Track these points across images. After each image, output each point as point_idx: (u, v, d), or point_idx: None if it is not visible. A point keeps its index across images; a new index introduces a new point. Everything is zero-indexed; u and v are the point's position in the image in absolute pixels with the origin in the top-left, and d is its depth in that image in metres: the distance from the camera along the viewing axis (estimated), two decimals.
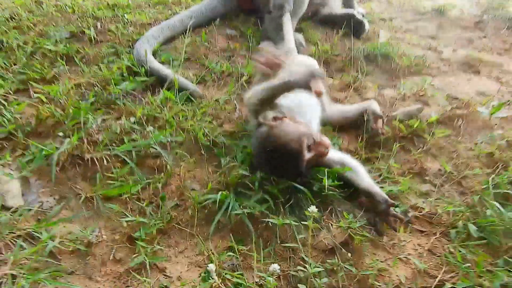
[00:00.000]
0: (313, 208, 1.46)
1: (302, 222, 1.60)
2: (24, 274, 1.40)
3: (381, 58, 2.78)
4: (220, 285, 1.41)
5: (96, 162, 1.87)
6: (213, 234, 1.64)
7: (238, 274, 1.47)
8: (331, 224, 1.64)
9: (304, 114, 1.87)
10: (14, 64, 2.44)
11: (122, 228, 1.64)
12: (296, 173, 1.65)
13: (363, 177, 1.78)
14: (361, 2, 3.96)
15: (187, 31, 2.81)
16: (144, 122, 2.10)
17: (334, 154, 1.82)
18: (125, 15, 3.09)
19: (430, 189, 1.88)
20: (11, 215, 1.61)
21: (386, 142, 2.08)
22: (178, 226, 1.66)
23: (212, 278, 1.39)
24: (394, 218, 1.67)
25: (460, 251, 1.56)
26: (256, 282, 1.45)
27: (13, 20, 2.82)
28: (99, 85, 2.33)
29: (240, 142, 2.00)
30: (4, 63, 2.45)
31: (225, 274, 1.46)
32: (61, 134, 1.98)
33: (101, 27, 2.91)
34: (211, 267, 1.40)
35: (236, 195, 1.73)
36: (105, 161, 1.87)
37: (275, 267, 1.39)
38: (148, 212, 1.68)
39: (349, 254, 1.54)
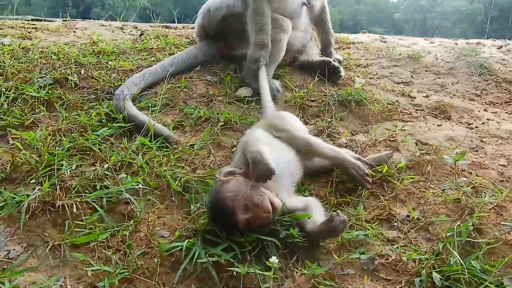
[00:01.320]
0: (274, 259, 1.48)
1: (266, 272, 1.60)
2: None
3: (354, 104, 2.87)
4: None
5: (67, 209, 1.88)
6: (178, 283, 1.64)
7: None
8: (296, 272, 1.65)
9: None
10: None
11: (87, 277, 1.63)
12: (233, 228, 1.71)
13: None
14: (339, 49, 4.11)
15: (166, 77, 2.90)
16: (118, 168, 2.13)
17: (299, 202, 1.88)
18: (109, 62, 3.19)
19: (398, 235, 1.90)
20: None
21: (356, 187, 2.12)
22: (144, 275, 1.65)
23: None
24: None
25: None
26: None
27: None
28: (76, 131, 2.38)
29: (211, 188, 2.03)
30: None
31: None
32: (33, 181, 2.00)
33: (84, 73, 2.99)
34: None
35: (203, 242, 1.75)
36: (75, 208, 1.88)
37: None
38: (114, 260, 1.68)
39: None
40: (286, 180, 1.99)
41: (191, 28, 4.50)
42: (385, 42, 4.55)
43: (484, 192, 2.08)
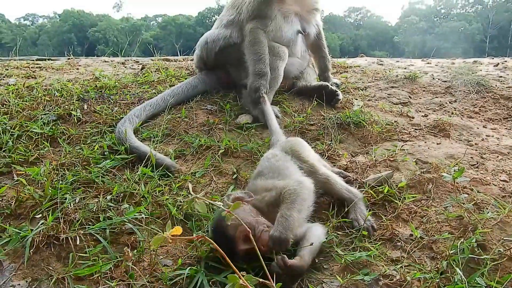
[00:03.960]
0: None
1: None
2: None
3: (353, 126, 2.91)
4: None
5: (71, 241, 1.90)
6: None
7: None
8: None
9: None
10: (0, 148, 2.53)
11: None
12: (231, 254, 1.67)
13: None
14: (337, 73, 4.18)
15: (167, 108, 2.97)
16: (120, 199, 2.16)
17: (303, 228, 1.88)
18: (111, 96, 3.27)
19: (401, 255, 1.89)
20: None
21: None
22: None
23: None
24: None
25: None
26: None
27: (4, 106, 2.98)
28: (80, 165, 2.42)
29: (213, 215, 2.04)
30: None
31: None
32: (38, 216, 2.02)
33: (87, 108, 3.06)
34: None
35: (206, 269, 1.75)
36: (79, 240, 1.90)
37: None
38: None
39: None
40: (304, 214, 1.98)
41: (191, 60, 4.61)
42: (382, 64, 4.62)
43: (486, 208, 2.08)
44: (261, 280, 1.53)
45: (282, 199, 1.88)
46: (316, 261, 1.83)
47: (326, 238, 1.91)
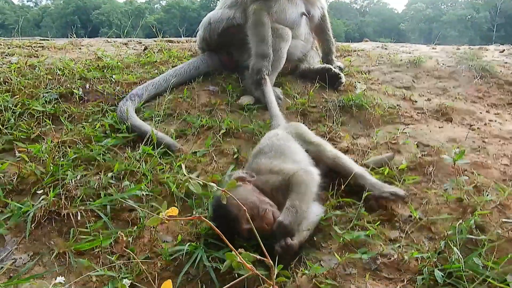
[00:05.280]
0: None
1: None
2: None
3: (355, 108, 2.89)
4: None
5: (72, 217, 1.92)
6: (181, 286, 1.65)
7: None
8: (296, 273, 1.65)
9: None
10: (2, 125, 2.54)
11: (92, 283, 1.66)
12: (234, 233, 1.70)
13: None
14: (340, 56, 4.15)
15: (168, 88, 2.96)
16: (121, 177, 2.17)
17: None
18: (113, 75, 3.26)
19: (400, 235, 1.89)
20: None
21: (357, 189, 2.12)
22: (147, 279, 1.67)
23: None
24: None
25: None
26: None
27: (6, 84, 2.98)
28: (81, 143, 2.43)
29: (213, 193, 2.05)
30: None
31: None
32: (40, 192, 2.04)
33: (89, 87, 3.06)
34: None
35: (206, 246, 1.77)
36: (80, 216, 1.92)
37: None
38: (118, 265, 1.70)
39: None
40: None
41: (194, 42, 4.57)
42: (386, 49, 4.58)
43: (486, 191, 2.08)
44: (259, 257, 1.53)
45: (291, 187, 1.87)
46: (315, 239, 1.85)
47: (324, 216, 1.93)
